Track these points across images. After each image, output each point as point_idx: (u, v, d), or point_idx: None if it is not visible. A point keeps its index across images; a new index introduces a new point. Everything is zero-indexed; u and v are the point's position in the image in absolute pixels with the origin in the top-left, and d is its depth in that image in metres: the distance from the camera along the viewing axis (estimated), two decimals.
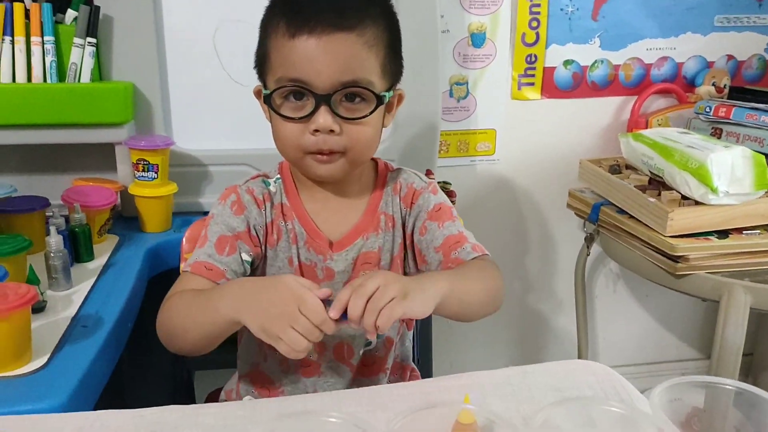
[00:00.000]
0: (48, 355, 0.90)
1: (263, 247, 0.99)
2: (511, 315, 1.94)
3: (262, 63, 0.95)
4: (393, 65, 0.95)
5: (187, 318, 0.86)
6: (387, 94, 0.93)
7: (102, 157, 1.44)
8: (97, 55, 1.39)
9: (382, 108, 0.93)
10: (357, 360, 1.03)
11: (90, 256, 1.23)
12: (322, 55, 0.86)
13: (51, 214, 1.22)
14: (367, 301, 0.75)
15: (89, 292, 1.10)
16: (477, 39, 1.68)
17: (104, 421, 0.74)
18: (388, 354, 1.05)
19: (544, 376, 0.85)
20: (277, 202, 1.00)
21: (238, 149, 1.50)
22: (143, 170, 1.35)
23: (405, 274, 1.04)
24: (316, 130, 0.89)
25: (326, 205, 1.00)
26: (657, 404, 0.56)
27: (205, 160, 1.50)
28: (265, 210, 0.99)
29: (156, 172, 1.36)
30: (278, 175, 1.02)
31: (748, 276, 1.37)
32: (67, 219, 1.22)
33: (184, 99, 1.48)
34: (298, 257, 0.98)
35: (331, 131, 0.89)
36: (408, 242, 1.03)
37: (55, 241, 1.09)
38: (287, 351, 0.76)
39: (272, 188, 1.01)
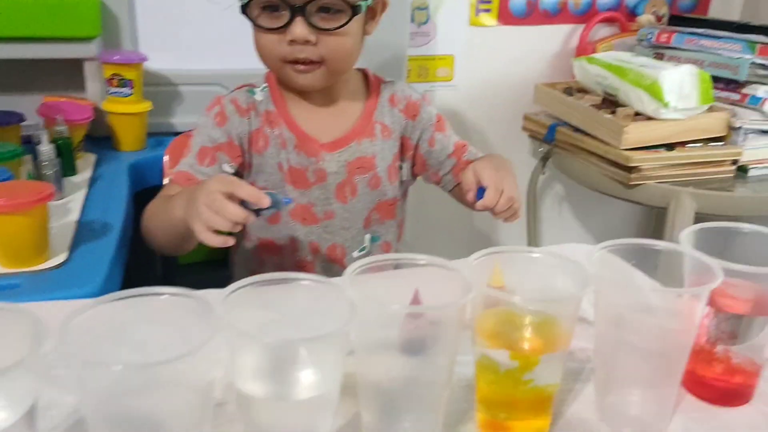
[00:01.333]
0: (66, 252, 0.91)
1: (248, 156, 1.01)
2: (462, 234, 2.03)
3: None
4: None
5: (156, 221, 0.92)
6: (363, 2, 0.94)
7: (67, 74, 1.40)
8: None
9: (361, 17, 0.96)
10: (351, 262, 1.07)
11: (72, 171, 1.21)
12: None
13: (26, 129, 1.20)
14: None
15: (85, 201, 1.09)
16: None
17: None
18: None
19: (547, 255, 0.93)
20: (262, 110, 1.02)
21: (210, 69, 1.48)
22: (118, 86, 1.33)
23: (401, 182, 1.10)
24: (293, 41, 0.92)
25: (315, 112, 1.03)
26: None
27: (176, 80, 1.48)
28: (249, 119, 1.01)
29: (131, 88, 1.34)
30: (265, 84, 1.04)
31: (692, 185, 1.51)
32: None
33: (152, 15, 1.45)
34: (288, 162, 1.01)
35: (307, 42, 0.92)
36: (409, 153, 1.09)
37: (46, 149, 1.07)
38: (201, 231, 0.77)
39: (258, 96, 1.03)
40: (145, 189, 1.34)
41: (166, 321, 0.54)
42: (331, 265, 1.07)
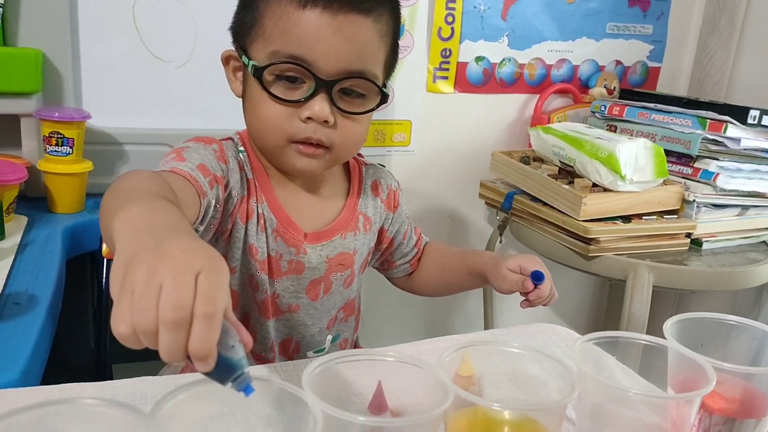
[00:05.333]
0: None
1: (229, 222, 0.85)
2: (420, 300, 1.97)
3: (248, 27, 0.82)
4: (392, 60, 0.88)
5: (102, 216, 0.61)
6: (386, 90, 0.85)
7: (0, 130, 1.31)
8: (2, 19, 1.26)
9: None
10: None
11: (1, 235, 1.11)
12: (334, 36, 0.76)
13: None
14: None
15: (11, 270, 0.99)
16: None
17: (75, 392, 0.67)
18: None
19: (514, 337, 0.89)
20: (250, 176, 0.87)
21: (157, 128, 1.42)
22: (57, 144, 1.24)
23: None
24: (309, 118, 0.79)
25: (298, 196, 0.91)
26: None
27: (120, 138, 1.41)
28: (242, 179, 0.86)
29: (71, 147, 1.25)
30: (242, 148, 0.89)
31: (649, 257, 1.50)
32: None
33: (97, 72, 1.38)
34: (267, 246, 0.88)
35: (325, 122, 0.80)
36: (383, 245, 1.03)
37: None
38: (120, 322, 0.45)
39: (242, 157, 0.88)
40: (80, 255, 1.25)
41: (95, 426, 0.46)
42: (283, 359, 0.95)
